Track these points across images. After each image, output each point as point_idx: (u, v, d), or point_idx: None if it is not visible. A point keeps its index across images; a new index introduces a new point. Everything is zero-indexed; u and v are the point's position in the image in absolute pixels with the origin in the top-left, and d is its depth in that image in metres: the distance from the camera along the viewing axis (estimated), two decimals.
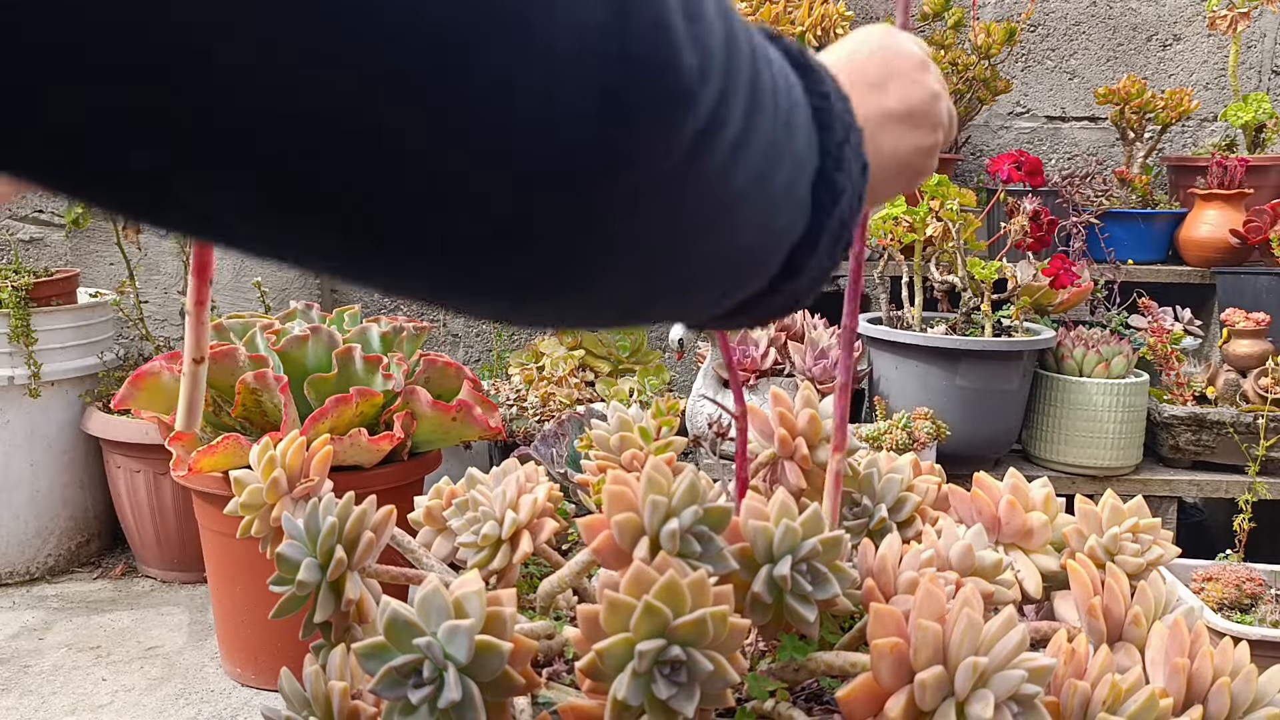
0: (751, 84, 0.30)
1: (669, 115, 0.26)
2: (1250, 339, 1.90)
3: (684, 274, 0.33)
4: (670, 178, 0.27)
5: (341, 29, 0.20)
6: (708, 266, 0.34)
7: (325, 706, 0.59)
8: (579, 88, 0.24)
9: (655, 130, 0.26)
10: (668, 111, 0.26)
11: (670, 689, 0.50)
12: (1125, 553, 0.71)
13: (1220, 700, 0.57)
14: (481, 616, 0.52)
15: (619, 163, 0.25)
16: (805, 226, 0.37)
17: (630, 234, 0.28)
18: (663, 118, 0.26)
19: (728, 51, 0.29)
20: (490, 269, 0.26)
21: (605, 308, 0.33)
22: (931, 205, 1.74)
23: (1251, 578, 1.59)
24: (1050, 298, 1.90)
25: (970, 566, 0.62)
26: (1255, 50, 2.52)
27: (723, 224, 0.32)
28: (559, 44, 0.23)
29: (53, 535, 2.27)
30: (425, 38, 0.21)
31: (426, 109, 0.22)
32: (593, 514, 0.59)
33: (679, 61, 0.26)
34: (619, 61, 0.24)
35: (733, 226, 0.32)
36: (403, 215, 0.24)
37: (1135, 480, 1.88)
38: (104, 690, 1.80)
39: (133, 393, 1.80)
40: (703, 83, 0.27)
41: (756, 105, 0.31)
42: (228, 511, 0.75)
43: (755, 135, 0.31)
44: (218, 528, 1.75)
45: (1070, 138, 2.56)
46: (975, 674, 0.49)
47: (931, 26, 2.37)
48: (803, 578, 0.57)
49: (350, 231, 0.24)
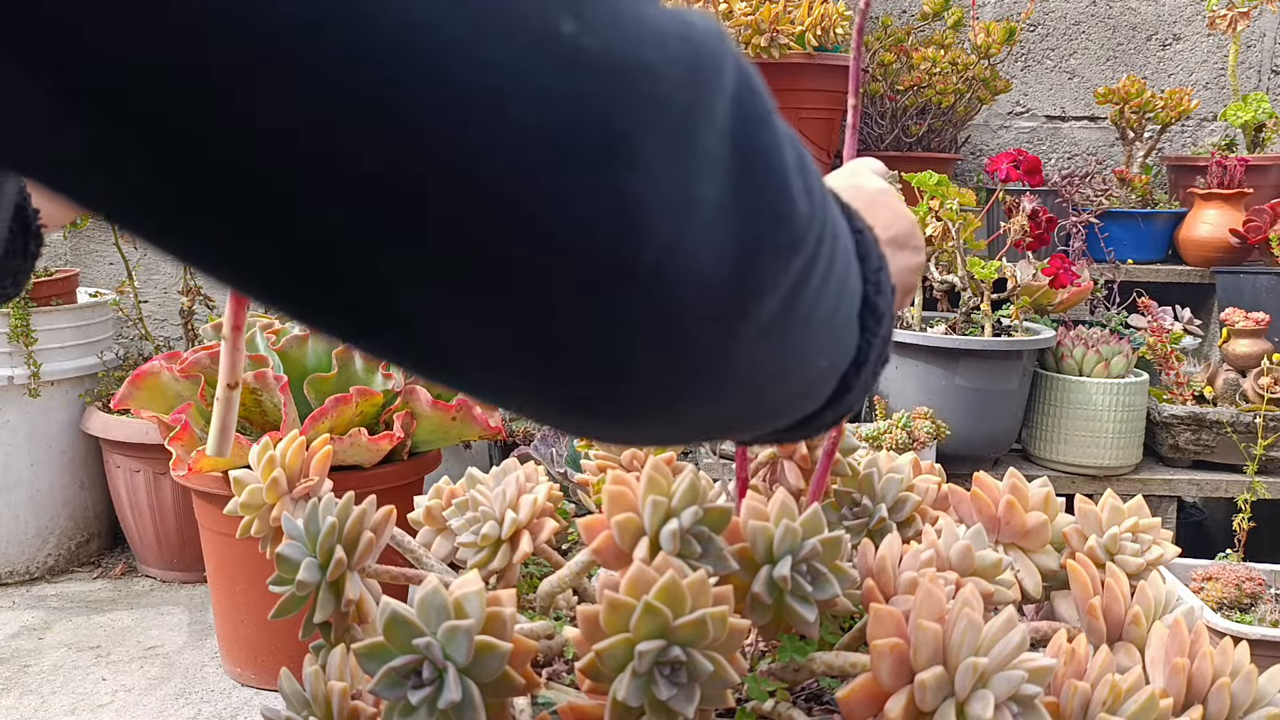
0: (834, 226, 0.34)
1: (787, 259, 0.29)
2: (1250, 338, 1.90)
3: (773, 400, 0.36)
4: (780, 310, 0.30)
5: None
6: (790, 393, 0.37)
7: (325, 707, 0.59)
8: (719, 247, 0.27)
9: (776, 268, 0.29)
10: (786, 256, 0.29)
11: (670, 689, 0.50)
12: (1125, 552, 0.71)
13: (1220, 700, 0.57)
14: (481, 617, 0.52)
15: (746, 306, 0.28)
16: (855, 349, 0.40)
17: (746, 364, 0.30)
18: (783, 258, 0.29)
19: (823, 197, 0.32)
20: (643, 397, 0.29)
21: (693, 430, 0.36)
22: (931, 205, 1.74)
23: (1251, 577, 1.59)
24: (1050, 297, 1.90)
25: (970, 566, 0.62)
26: (1255, 50, 2.52)
27: (809, 353, 0.35)
28: (705, 215, 0.26)
29: (53, 535, 2.27)
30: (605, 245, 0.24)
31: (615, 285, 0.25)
32: (593, 514, 0.59)
33: (796, 214, 0.29)
34: (749, 222, 0.27)
35: (813, 355, 0.35)
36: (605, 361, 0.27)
37: (1135, 480, 1.88)
38: (104, 690, 1.80)
39: (132, 392, 1.80)
40: (808, 227, 0.30)
41: (836, 246, 0.34)
42: (227, 511, 0.75)
43: (835, 271, 0.34)
44: (217, 527, 1.75)
45: (1070, 137, 2.56)
46: (975, 674, 0.49)
47: (931, 26, 2.37)
48: (803, 578, 0.57)
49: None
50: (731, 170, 0.27)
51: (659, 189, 0.25)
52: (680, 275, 0.26)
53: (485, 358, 0.26)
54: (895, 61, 2.26)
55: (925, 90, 2.19)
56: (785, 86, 1.94)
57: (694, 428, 0.35)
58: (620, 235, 0.24)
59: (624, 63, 0.24)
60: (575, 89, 0.23)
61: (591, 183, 0.24)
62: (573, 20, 0.23)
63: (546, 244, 0.24)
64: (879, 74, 2.26)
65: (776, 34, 1.84)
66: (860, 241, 0.40)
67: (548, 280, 0.24)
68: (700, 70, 0.26)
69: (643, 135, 0.24)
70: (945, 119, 2.26)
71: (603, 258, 0.24)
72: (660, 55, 0.24)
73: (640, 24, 0.24)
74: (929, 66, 2.19)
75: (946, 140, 2.31)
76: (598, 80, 0.23)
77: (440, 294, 0.24)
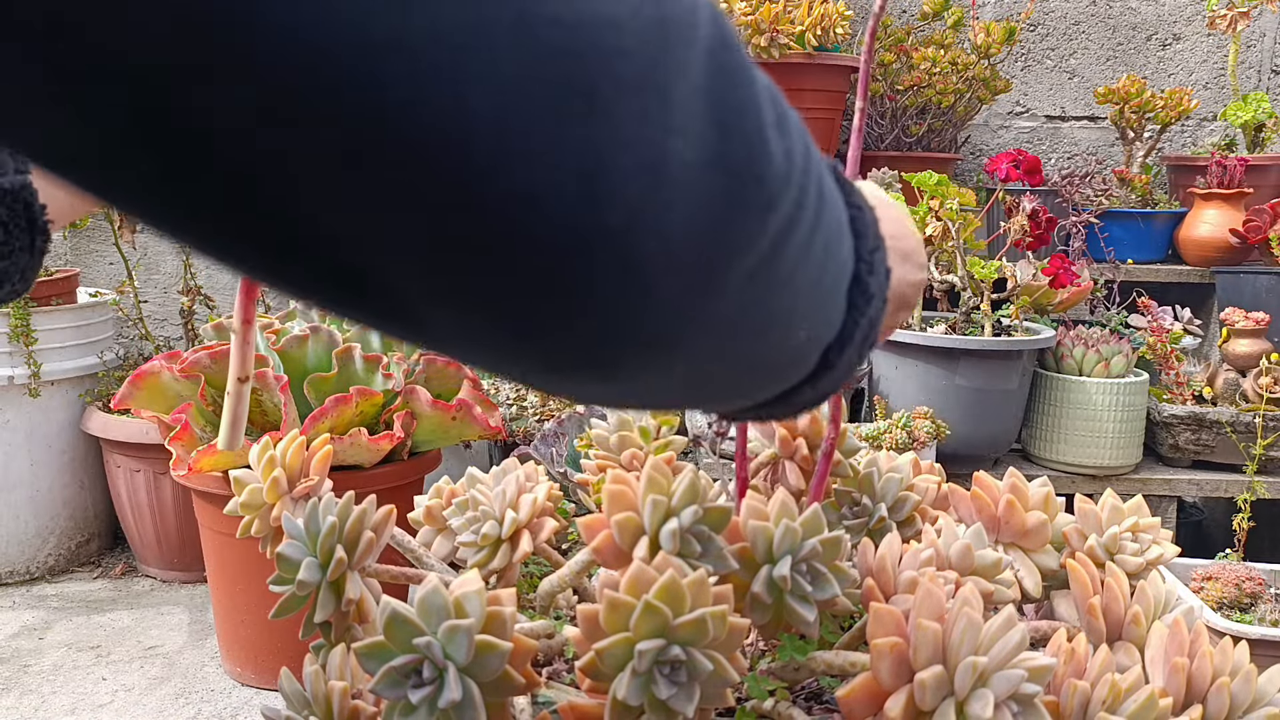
0: (819, 190, 0.33)
1: (763, 217, 0.29)
2: (1250, 338, 1.90)
3: (750, 361, 0.36)
4: (756, 270, 0.30)
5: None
6: (769, 359, 0.36)
7: (325, 706, 0.59)
8: (692, 204, 0.26)
9: (750, 228, 0.29)
10: (762, 214, 0.29)
11: (670, 689, 0.50)
12: (1125, 552, 0.71)
13: (1219, 700, 0.57)
14: (481, 616, 0.52)
15: (721, 255, 0.28)
16: (840, 325, 0.39)
17: (721, 316, 0.30)
18: (757, 217, 0.29)
19: (806, 159, 0.32)
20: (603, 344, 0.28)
21: (670, 392, 0.35)
22: (931, 205, 1.74)
23: (1251, 577, 1.59)
24: (1050, 297, 1.90)
25: (970, 566, 0.62)
26: (1254, 50, 2.52)
27: (792, 317, 0.35)
28: (677, 174, 0.26)
29: (53, 535, 2.27)
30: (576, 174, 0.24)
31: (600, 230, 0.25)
32: (592, 513, 0.59)
33: (772, 172, 0.29)
34: (721, 174, 0.27)
35: (796, 320, 0.35)
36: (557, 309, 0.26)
37: (1135, 480, 1.88)
38: (104, 690, 1.80)
39: (133, 392, 1.80)
40: (785, 186, 0.30)
41: (821, 212, 0.34)
42: (227, 511, 0.75)
43: (818, 239, 0.34)
44: (217, 527, 1.75)
45: (1070, 137, 2.56)
46: (975, 673, 0.49)
47: (931, 26, 2.37)
48: (802, 578, 0.57)
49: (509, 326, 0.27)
50: (705, 126, 0.26)
51: (628, 145, 0.24)
52: (650, 232, 0.25)
53: (459, 321, 0.26)
54: (895, 61, 2.26)
55: (925, 90, 2.19)
56: (785, 86, 1.92)
57: (671, 389, 0.34)
58: (587, 192, 0.24)
59: (586, 17, 0.23)
60: (537, 44, 0.23)
61: (556, 138, 0.23)
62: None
63: (514, 201, 0.23)
64: (879, 74, 2.26)
65: (776, 34, 1.84)
66: (857, 218, 0.39)
67: (516, 239, 0.24)
68: (668, 23, 0.25)
69: (609, 89, 0.24)
70: (945, 119, 2.26)
71: (570, 215, 0.24)
72: (624, 9, 0.24)
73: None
74: (929, 66, 2.19)
75: (946, 140, 2.31)
76: (560, 34, 0.23)
77: (409, 252, 0.24)
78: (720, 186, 0.27)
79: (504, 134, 0.23)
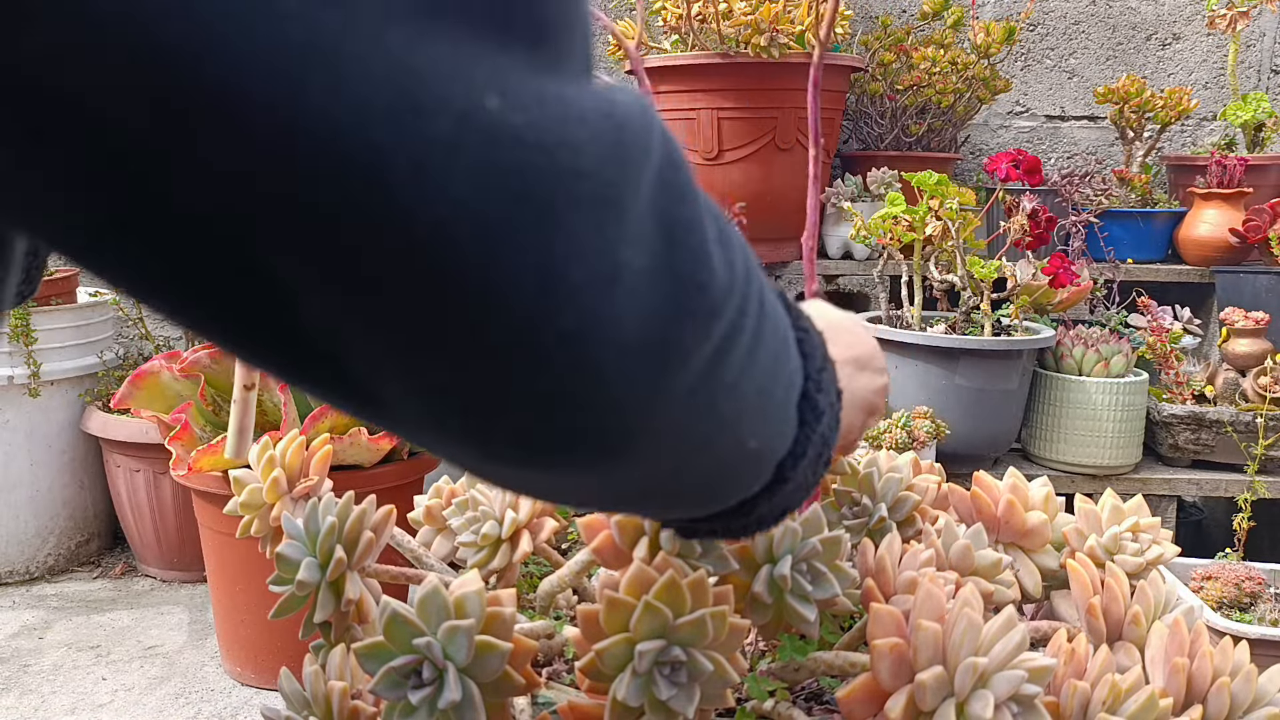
0: (760, 304, 0.35)
1: (707, 324, 0.31)
2: (1249, 338, 1.90)
3: (699, 473, 0.37)
4: (704, 374, 0.31)
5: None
6: (717, 469, 0.37)
7: (325, 706, 0.59)
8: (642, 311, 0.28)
9: (696, 332, 0.30)
10: (706, 322, 0.30)
11: (670, 689, 0.50)
12: (1125, 552, 0.71)
13: (1220, 700, 0.57)
14: (481, 616, 0.52)
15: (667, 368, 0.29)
16: (793, 440, 0.41)
17: (671, 419, 0.31)
18: (702, 323, 0.30)
19: (747, 272, 0.34)
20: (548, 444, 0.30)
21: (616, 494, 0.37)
22: (931, 204, 1.74)
23: (1251, 576, 1.59)
24: (1049, 297, 1.90)
25: (970, 566, 0.62)
26: (1254, 49, 2.51)
27: (738, 427, 0.36)
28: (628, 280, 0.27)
29: (52, 535, 2.27)
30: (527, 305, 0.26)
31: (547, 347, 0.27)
32: (592, 513, 0.59)
33: (715, 283, 0.31)
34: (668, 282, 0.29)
35: (743, 430, 0.36)
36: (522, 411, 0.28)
37: (1135, 479, 1.88)
38: (104, 689, 1.80)
39: (132, 392, 1.80)
40: (728, 295, 0.32)
41: (763, 323, 0.35)
42: (227, 511, 0.75)
43: (763, 349, 0.35)
44: (217, 527, 1.75)
45: (1069, 137, 2.56)
46: (975, 674, 0.49)
47: (931, 25, 2.37)
48: (803, 578, 0.57)
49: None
50: (655, 240, 0.28)
51: (584, 256, 0.26)
52: (601, 337, 0.27)
53: (412, 404, 0.28)
54: (895, 61, 2.26)
55: (925, 90, 2.19)
56: (784, 86, 1.94)
57: (618, 491, 0.36)
58: (542, 299, 0.26)
59: (548, 139, 0.25)
60: (501, 162, 0.24)
61: (517, 251, 0.25)
62: (497, 97, 0.24)
63: (476, 308, 0.25)
64: (879, 73, 2.26)
65: (776, 33, 1.84)
66: (804, 339, 0.42)
67: (474, 338, 0.26)
68: (623, 146, 0.27)
69: (567, 206, 0.25)
70: (945, 119, 2.26)
71: (525, 321, 0.26)
72: (583, 132, 0.26)
73: (563, 104, 0.26)
74: (929, 66, 2.18)
75: (946, 140, 2.31)
76: (523, 154, 0.24)
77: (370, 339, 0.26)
78: (668, 293, 0.29)
79: (468, 240, 0.24)
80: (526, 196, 0.25)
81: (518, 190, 0.24)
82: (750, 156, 1.98)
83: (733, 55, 1.88)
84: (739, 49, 1.87)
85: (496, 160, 0.24)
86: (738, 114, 1.95)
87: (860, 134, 2.38)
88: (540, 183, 0.25)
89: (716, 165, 1.99)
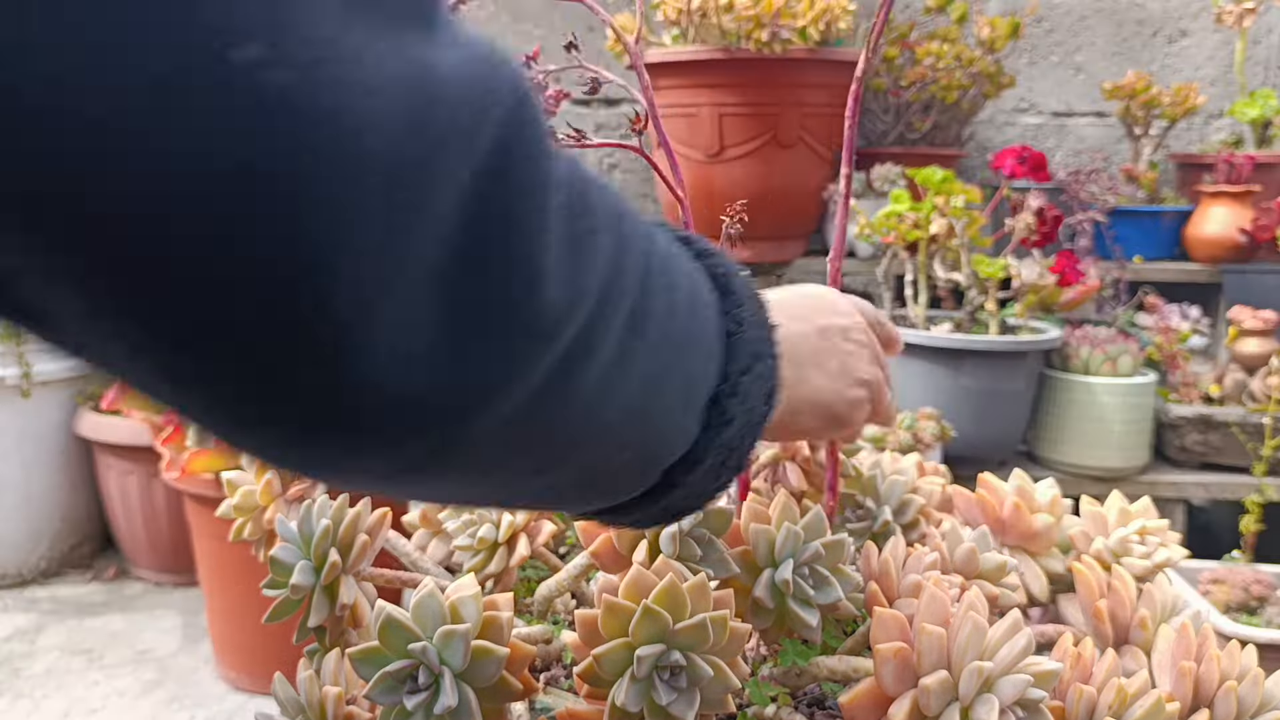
0: (634, 311, 0.31)
1: (529, 349, 0.27)
2: (1258, 337, 1.89)
3: (549, 486, 0.34)
4: (536, 402, 0.28)
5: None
6: (587, 473, 0.35)
7: (319, 712, 0.58)
8: (431, 335, 0.24)
9: (516, 361, 0.27)
10: (526, 346, 0.27)
11: (670, 694, 0.49)
12: (1132, 555, 0.70)
13: (1227, 704, 0.56)
14: (478, 621, 0.51)
15: (472, 399, 0.26)
16: (689, 446, 0.38)
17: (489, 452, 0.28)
18: (519, 352, 0.27)
19: (609, 281, 0.29)
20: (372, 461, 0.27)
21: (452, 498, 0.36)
22: (936, 202, 1.73)
23: (1259, 579, 1.57)
24: (1056, 296, 1.89)
25: (975, 569, 0.62)
26: (1262, 45, 2.50)
27: (601, 437, 0.33)
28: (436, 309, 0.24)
29: (45, 538, 2.27)
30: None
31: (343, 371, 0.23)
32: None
33: (544, 300, 0.26)
34: (476, 307, 0.25)
35: (608, 441, 0.33)
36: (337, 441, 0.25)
37: (1142, 481, 1.86)
38: (97, 694, 1.80)
39: (124, 393, 1.80)
40: (569, 314, 0.27)
41: (638, 331, 0.31)
42: (220, 514, 0.74)
43: (635, 359, 0.31)
44: (210, 530, 1.75)
45: (1076, 133, 2.55)
46: (980, 679, 0.49)
47: (935, 20, 2.36)
48: (805, 582, 0.56)
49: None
50: (459, 248, 0.23)
51: (354, 261, 0.21)
52: (374, 361, 0.23)
53: (189, 404, 0.25)
54: (899, 56, 2.25)
55: (929, 86, 2.18)
56: (787, 82, 1.93)
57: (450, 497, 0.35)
58: (296, 307, 0.21)
59: (320, 105, 0.20)
60: (240, 128, 0.19)
61: (264, 248, 0.21)
62: (261, 47, 0.19)
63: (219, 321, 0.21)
64: (883, 69, 2.25)
65: (779, 28, 1.83)
66: (734, 334, 0.38)
67: (221, 356, 0.22)
68: (428, 126, 0.22)
69: (331, 195, 0.21)
70: (950, 115, 2.24)
71: (276, 335, 0.22)
72: (370, 104, 0.21)
73: (358, 65, 0.21)
74: (933, 61, 2.17)
75: (951, 136, 2.30)
76: (276, 120, 0.20)
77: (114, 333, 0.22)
78: (470, 315, 0.24)
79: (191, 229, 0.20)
80: (271, 181, 0.20)
81: (264, 173, 0.20)
82: (752, 153, 1.96)
83: (734, 50, 1.87)
84: (740, 44, 1.86)
85: (233, 126, 0.19)
86: (740, 110, 1.94)
87: (864, 130, 2.37)
88: (289, 162, 0.20)
89: (718, 162, 1.98)
